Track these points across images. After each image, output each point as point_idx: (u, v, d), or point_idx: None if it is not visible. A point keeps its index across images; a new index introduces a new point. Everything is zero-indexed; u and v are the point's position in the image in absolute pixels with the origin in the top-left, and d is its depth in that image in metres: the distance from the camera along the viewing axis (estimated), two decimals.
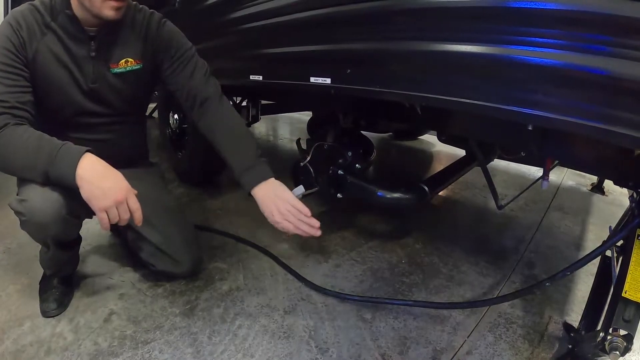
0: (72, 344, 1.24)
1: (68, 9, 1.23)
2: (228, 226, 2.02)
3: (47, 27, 1.24)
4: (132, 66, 1.38)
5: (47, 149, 1.10)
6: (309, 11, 1.31)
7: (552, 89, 0.83)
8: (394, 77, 1.13)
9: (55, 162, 1.09)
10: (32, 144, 1.10)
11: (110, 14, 1.21)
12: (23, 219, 1.17)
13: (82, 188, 1.10)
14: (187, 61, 1.44)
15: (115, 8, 1.22)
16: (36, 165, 1.11)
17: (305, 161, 1.78)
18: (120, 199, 1.12)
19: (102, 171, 1.13)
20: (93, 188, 1.10)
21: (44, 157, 1.10)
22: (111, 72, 1.35)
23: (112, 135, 1.45)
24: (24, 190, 1.17)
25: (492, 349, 1.32)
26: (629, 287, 1.02)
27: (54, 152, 1.10)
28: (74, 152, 1.11)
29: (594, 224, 2.30)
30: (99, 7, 1.20)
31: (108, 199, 1.10)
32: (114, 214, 1.13)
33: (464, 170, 1.96)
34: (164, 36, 1.42)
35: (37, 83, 1.24)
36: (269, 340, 1.30)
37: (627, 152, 1.08)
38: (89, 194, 1.10)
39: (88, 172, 1.10)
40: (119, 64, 1.36)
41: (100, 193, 1.10)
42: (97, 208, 1.10)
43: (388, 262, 1.78)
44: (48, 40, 1.24)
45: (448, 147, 2.22)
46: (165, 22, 1.45)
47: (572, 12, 0.77)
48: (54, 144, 1.11)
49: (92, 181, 1.10)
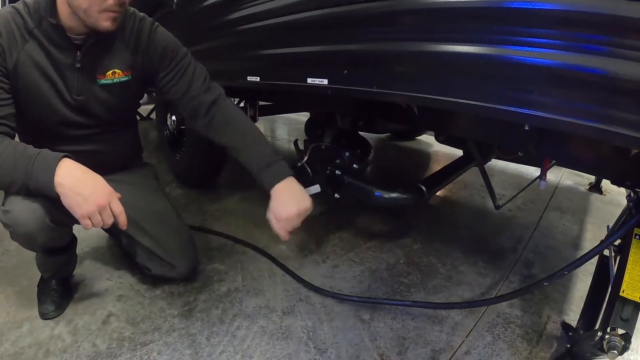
0: (70, 346, 1.24)
1: (52, 16, 1.16)
2: (226, 227, 2.02)
3: (30, 34, 1.17)
4: (119, 78, 1.32)
5: (23, 161, 1.06)
6: (306, 12, 1.31)
7: (549, 89, 0.83)
8: (391, 78, 1.13)
9: (33, 173, 1.05)
10: (8, 158, 1.06)
11: (107, 25, 1.16)
12: (10, 230, 1.15)
13: (62, 195, 1.06)
14: (184, 69, 1.38)
15: (113, 19, 1.16)
16: (15, 180, 1.07)
17: (302, 162, 1.78)
18: (102, 204, 1.08)
19: (81, 177, 1.08)
20: (73, 194, 1.05)
21: (21, 172, 1.06)
22: (98, 83, 1.29)
23: (100, 145, 1.39)
24: (8, 202, 1.13)
25: (490, 349, 1.32)
26: (627, 286, 1.03)
27: (30, 164, 1.05)
28: (50, 160, 1.07)
29: (591, 224, 2.31)
30: (96, 18, 1.14)
31: (89, 205, 1.06)
32: (97, 219, 1.08)
33: (462, 170, 1.96)
34: (157, 46, 1.35)
35: (19, 94, 1.19)
36: (268, 341, 1.30)
37: (624, 151, 1.09)
38: (69, 201, 1.06)
39: (66, 179, 1.05)
40: (106, 75, 1.29)
41: (81, 199, 1.05)
42: (79, 215, 1.06)
43: (386, 263, 1.78)
44: (30, 49, 1.18)
45: (446, 147, 2.22)
46: (157, 29, 1.37)
47: (569, 12, 0.77)
48: (29, 154, 1.06)
49: (71, 188, 1.05)
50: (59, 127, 1.30)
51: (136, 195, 1.19)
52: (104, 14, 1.14)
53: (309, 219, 1.34)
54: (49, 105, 1.25)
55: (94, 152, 1.37)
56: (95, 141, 1.38)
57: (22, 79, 1.19)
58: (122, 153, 1.50)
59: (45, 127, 1.29)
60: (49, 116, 1.27)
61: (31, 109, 1.23)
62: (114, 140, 1.43)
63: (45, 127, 1.29)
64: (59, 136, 1.31)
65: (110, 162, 1.41)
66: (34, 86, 1.21)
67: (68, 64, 1.23)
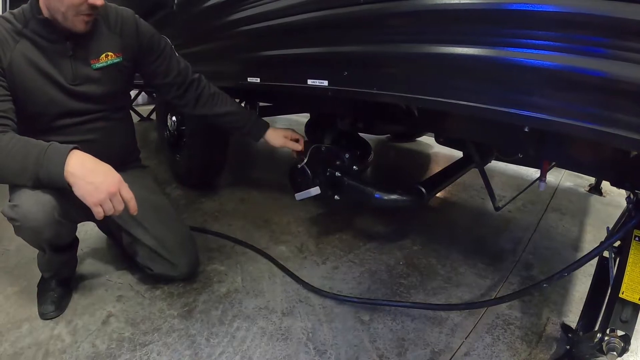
0: (70, 346, 1.24)
1: (39, 14, 1.23)
2: (226, 228, 2.02)
3: (20, 35, 1.24)
4: (112, 59, 1.40)
5: (34, 152, 1.10)
6: (307, 14, 1.31)
7: (549, 91, 0.83)
8: (391, 80, 1.13)
9: (44, 163, 1.09)
10: (19, 150, 1.10)
11: (81, 27, 1.25)
12: (17, 224, 1.16)
13: (74, 185, 1.10)
14: (169, 55, 1.56)
15: (87, 22, 1.25)
16: (26, 170, 1.10)
17: (302, 163, 1.78)
18: (113, 191, 1.13)
19: (92, 166, 1.13)
20: (85, 184, 1.10)
21: (32, 160, 1.09)
22: (92, 67, 1.36)
23: (97, 134, 1.42)
24: (15, 196, 1.16)
25: (490, 350, 1.32)
26: (626, 287, 1.03)
27: (42, 154, 1.09)
28: (61, 151, 1.11)
29: (591, 225, 2.31)
30: (72, 21, 1.22)
31: (101, 193, 1.11)
32: (109, 206, 1.13)
33: (462, 171, 1.96)
34: (145, 33, 1.48)
35: (17, 92, 1.24)
36: (267, 342, 1.30)
37: (623, 153, 1.09)
38: (82, 190, 1.10)
39: (78, 168, 1.10)
40: (100, 58, 1.37)
41: (93, 188, 1.10)
42: (91, 203, 1.11)
43: (386, 264, 1.78)
44: (22, 48, 1.24)
45: (446, 148, 2.23)
46: (139, 19, 1.48)
47: (569, 14, 0.77)
48: (41, 146, 1.11)
49: (83, 177, 1.10)
50: (57, 116, 1.34)
51: (137, 195, 1.20)
52: (79, 17, 1.23)
53: (308, 219, 1.34)
54: (48, 97, 1.30)
55: (91, 141, 1.39)
56: (92, 130, 1.41)
57: (18, 77, 1.24)
58: (119, 144, 1.52)
59: (44, 120, 1.32)
60: (48, 108, 1.31)
61: (30, 103, 1.27)
62: (109, 129, 1.47)
63: (43, 120, 1.32)
64: (55, 128, 1.34)
65: (108, 152, 1.42)
66: (31, 80, 1.26)
67: (61, 54, 1.30)
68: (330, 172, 1.72)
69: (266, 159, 3.45)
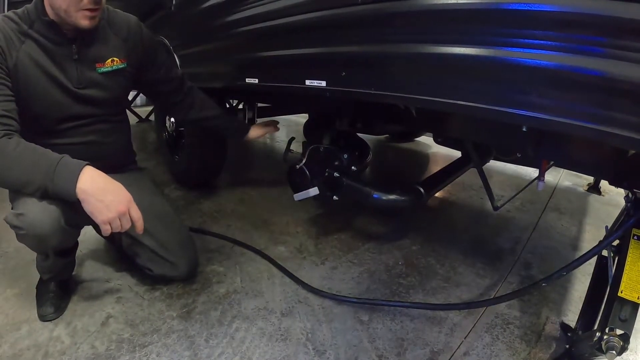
0: (69, 348, 1.24)
1: (44, 15, 1.23)
2: (225, 229, 2.02)
3: (25, 35, 1.23)
4: (117, 65, 1.40)
5: (43, 164, 1.09)
6: (305, 14, 1.31)
7: (547, 90, 0.83)
8: (389, 80, 1.13)
9: (54, 177, 1.08)
10: (27, 158, 1.09)
11: (86, 23, 1.23)
12: (22, 232, 1.15)
13: (85, 202, 1.10)
14: (170, 65, 1.63)
15: (90, 17, 1.23)
16: (32, 182, 1.09)
17: (301, 163, 1.78)
18: (123, 211, 1.14)
19: (103, 184, 1.13)
20: (95, 201, 1.10)
21: (42, 172, 1.09)
22: (97, 71, 1.36)
23: (96, 136, 1.42)
24: (19, 204, 1.15)
25: (489, 350, 1.32)
26: (625, 286, 1.03)
27: (52, 168, 1.09)
28: (73, 166, 1.11)
29: (590, 224, 2.31)
30: (75, 17, 1.21)
31: (111, 212, 1.12)
32: (117, 224, 1.14)
33: (460, 171, 1.97)
34: (151, 42, 1.52)
35: (21, 92, 1.22)
36: (267, 343, 1.30)
37: (622, 152, 1.09)
38: (91, 207, 1.10)
39: (89, 186, 1.10)
40: (105, 63, 1.37)
41: (104, 206, 1.11)
42: (100, 221, 1.12)
43: (385, 264, 1.78)
44: (27, 48, 1.23)
45: (444, 148, 2.23)
46: (144, 26, 1.50)
47: (567, 13, 0.77)
48: (51, 158, 1.10)
49: (94, 194, 1.10)
50: (58, 120, 1.33)
51: (136, 196, 1.20)
52: (81, 13, 1.21)
53: (307, 219, 1.34)
54: (52, 99, 1.29)
55: (90, 143, 1.40)
56: (91, 132, 1.41)
57: (23, 78, 1.23)
58: (116, 146, 1.52)
59: (45, 121, 1.32)
60: (51, 110, 1.31)
61: (33, 104, 1.27)
62: (107, 131, 1.46)
63: (44, 121, 1.32)
64: (55, 129, 1.34)
65: (105, 154, 1.43)
66: (35, 82, 1.25)
67: (66, 57, 1.29)
68: (329, 173, 1.72)
69: (265, 159, 3.45)
